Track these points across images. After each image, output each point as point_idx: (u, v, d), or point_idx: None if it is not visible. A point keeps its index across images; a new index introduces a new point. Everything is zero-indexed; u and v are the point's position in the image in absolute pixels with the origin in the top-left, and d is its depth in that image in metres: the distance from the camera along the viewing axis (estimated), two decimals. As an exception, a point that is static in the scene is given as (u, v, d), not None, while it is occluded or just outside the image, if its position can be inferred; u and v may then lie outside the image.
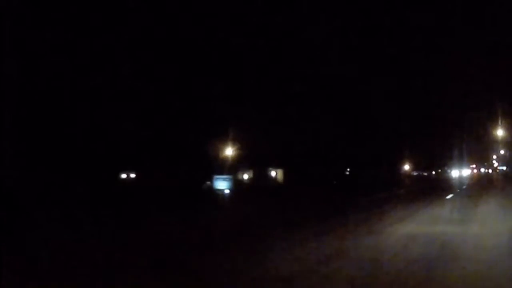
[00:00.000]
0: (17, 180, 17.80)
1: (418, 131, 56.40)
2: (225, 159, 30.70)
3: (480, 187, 31.27)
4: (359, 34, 45.40)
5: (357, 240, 8.76)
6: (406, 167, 61.77)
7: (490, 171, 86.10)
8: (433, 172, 77.48)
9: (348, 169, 55.26)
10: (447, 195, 22.13)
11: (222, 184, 23.59)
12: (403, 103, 56.64)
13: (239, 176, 32.53)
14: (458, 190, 27.09)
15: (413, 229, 10.17)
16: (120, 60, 26.49)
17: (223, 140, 30.10)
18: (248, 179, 31.47)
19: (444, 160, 68.10)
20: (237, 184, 23.18)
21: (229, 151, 30.38)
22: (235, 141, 30.58)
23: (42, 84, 22.42)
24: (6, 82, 16.84)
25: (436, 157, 66.60)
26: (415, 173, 63.40)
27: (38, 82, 22.06)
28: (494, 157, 75.64)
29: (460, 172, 68.01)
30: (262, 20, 34.15)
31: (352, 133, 44.54)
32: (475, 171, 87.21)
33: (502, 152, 59.06)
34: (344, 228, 10.70)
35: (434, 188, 31.40)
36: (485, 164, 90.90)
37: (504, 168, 70.19)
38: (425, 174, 72.93)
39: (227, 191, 23.27)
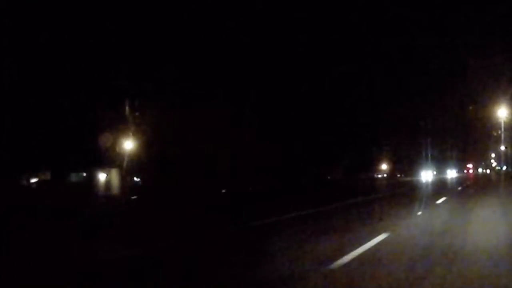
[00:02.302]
0: None
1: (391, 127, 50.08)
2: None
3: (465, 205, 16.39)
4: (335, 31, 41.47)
5: None
6: (384, 167, 52.38)
7: (488, 171, 74.66)
8: (401, 175, 64.09)
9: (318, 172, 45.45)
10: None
11: None
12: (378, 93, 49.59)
13: (24, 181, 18.43)
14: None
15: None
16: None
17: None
18: (37, 183, 17.52)
19: (419, 160, 56.16)
20: None
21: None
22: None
23: None
24: None
25: (413, 158, 58.02)
26: (379, 176, 51.45)
27: None
28: (493, 155, 65.56)
29: (439, 175, 55.89)
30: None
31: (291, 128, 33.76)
32: (471, 171, 76.40)
33: (503, 148, 47.86)
34: None
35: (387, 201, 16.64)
36: (483, 163, 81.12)
37: (504, 167, 56.88)
38: (398, 175, 62.83)
39: None
